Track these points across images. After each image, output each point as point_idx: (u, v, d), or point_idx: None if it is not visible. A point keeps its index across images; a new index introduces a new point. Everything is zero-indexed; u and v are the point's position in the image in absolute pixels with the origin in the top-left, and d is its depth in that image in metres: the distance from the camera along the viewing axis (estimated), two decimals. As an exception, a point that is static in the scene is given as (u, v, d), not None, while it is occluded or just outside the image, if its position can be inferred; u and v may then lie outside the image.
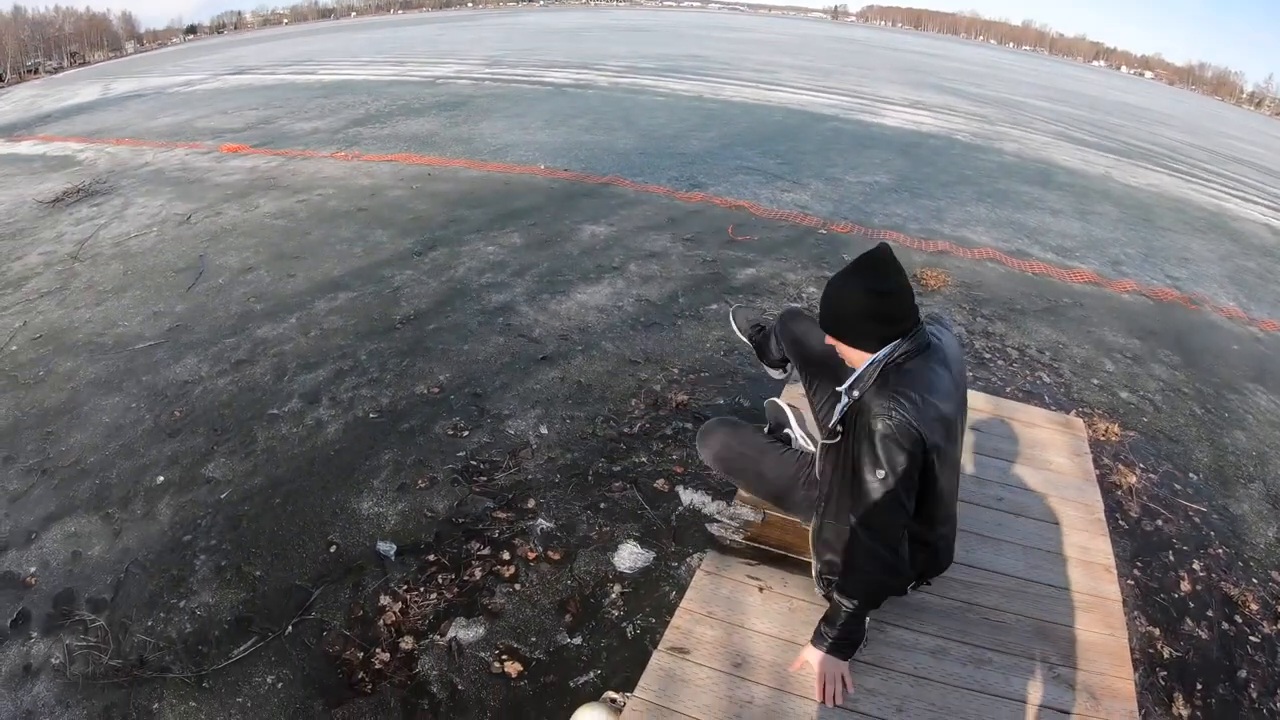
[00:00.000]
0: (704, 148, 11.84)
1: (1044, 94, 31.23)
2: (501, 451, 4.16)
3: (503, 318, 5.65)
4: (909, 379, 2.46)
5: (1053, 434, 4.43)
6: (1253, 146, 29.91)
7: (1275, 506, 4.65)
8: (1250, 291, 8.75)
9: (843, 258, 7.39)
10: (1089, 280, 7.97)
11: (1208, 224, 11.82)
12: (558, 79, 18.46)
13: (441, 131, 11.92)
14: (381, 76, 18.27)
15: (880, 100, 19.40)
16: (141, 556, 3.44)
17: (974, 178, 12.02)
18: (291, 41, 38.87)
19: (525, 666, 2.96)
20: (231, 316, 5.57)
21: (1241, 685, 3.32)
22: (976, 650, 2.88)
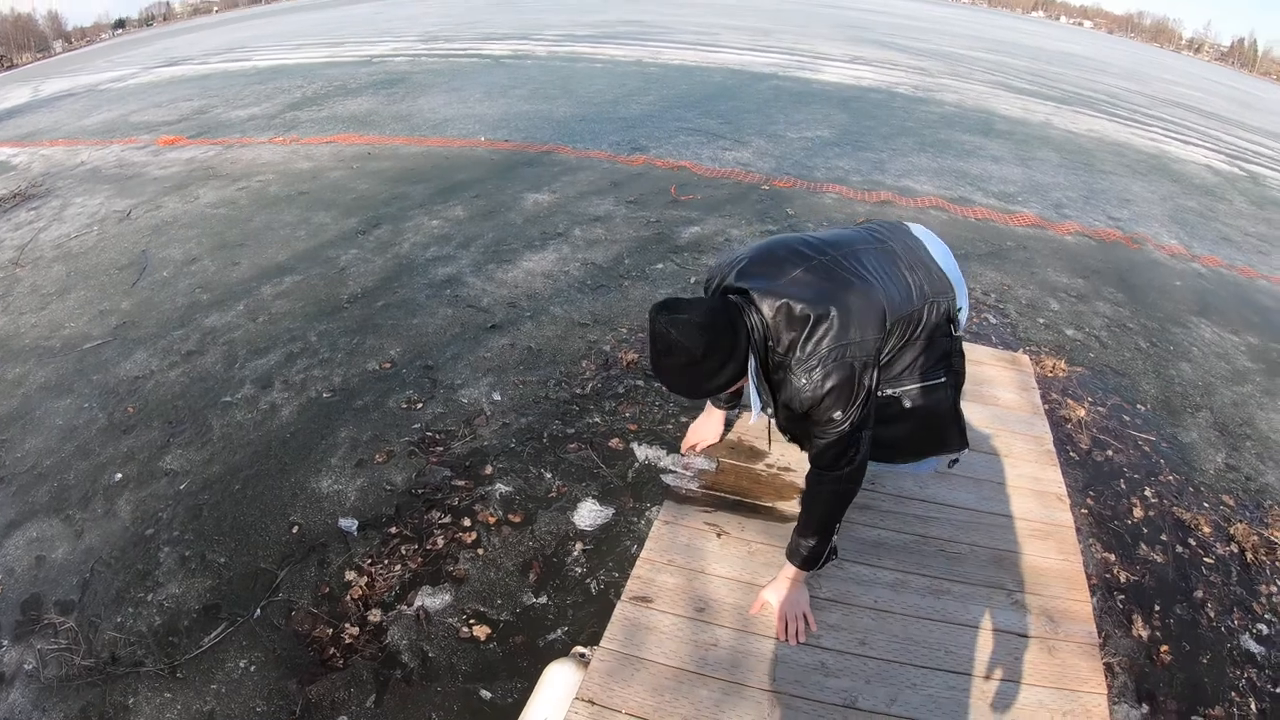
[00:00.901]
0: (644, 111, 11.82)
1: (984, 45, 31.30)
2: (456, 421, 4.19)
3: (450, 289, 5.65)
4: (812, 354, 2.48)
5: (1000, 371, 4.56)
6: (1192, 91, 30.18)
7: (1223, 434, 4.79)
8: (1192, 230, 8.91)
9: (786, 211, 7.51)
10: (1032, 224, 8.08)
11: (1148, 166, 11.97)
12: (495, 51, 18.28)
13: (380, 110, 11.79)
14: (317, 59, 18.01)
15: (820, 57, 19.39)
16: (105, 555, 3.43)
17: (915, 129, 12.08)
18: (224, 29, 38.05)
19: (493, 629, 3.01)
20: (178, 309, 5.52)
21: (1198, 605, 3.44)
22: (935, 581, 3.00)
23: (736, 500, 3.33)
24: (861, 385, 2.49)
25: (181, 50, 24.69)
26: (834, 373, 2.45)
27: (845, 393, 2.47)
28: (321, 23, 31.94)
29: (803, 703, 2.51)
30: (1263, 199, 11.46)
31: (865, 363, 2.48)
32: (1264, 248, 8.88)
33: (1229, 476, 4.40)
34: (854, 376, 2.47)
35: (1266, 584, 3.62)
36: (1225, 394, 5.26)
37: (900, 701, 2.53)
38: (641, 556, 3.02)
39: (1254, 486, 4.35)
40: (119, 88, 16.95)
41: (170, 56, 22.61)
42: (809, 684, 2.56)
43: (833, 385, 2.46)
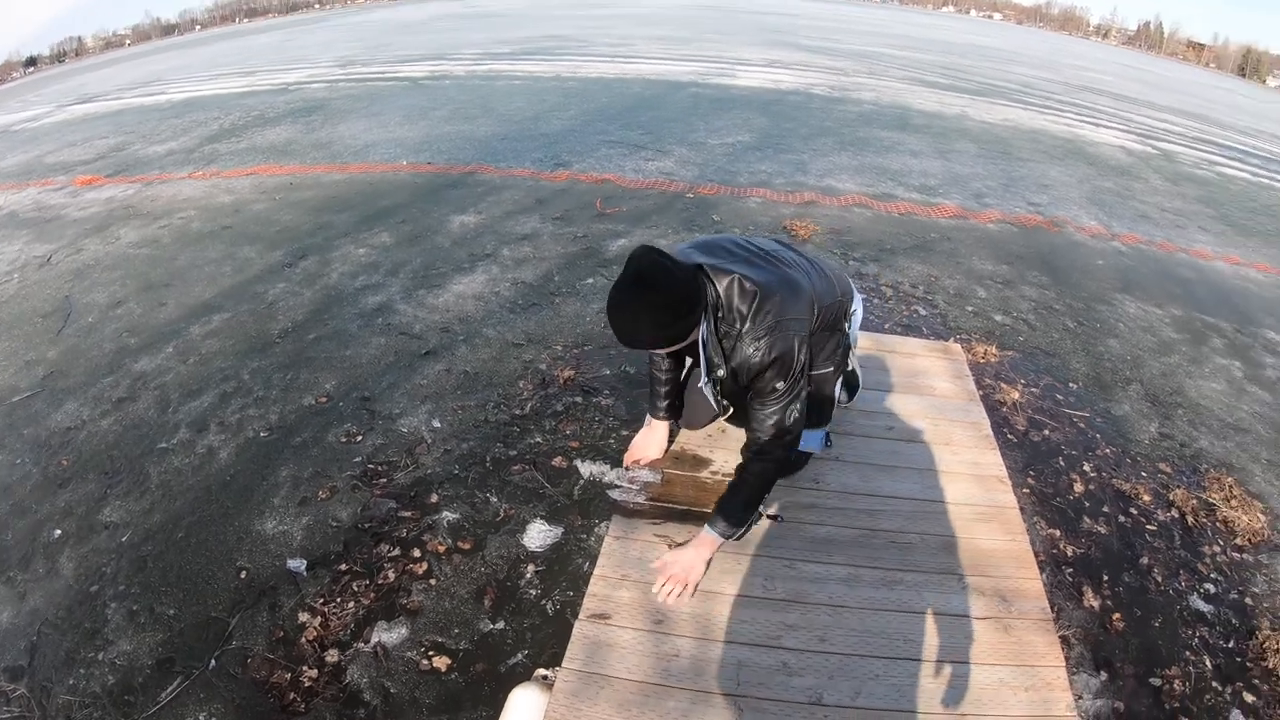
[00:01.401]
0: (566, 126, 11.85)
1: (897, 43, 31.77)
2: (398, 451, 4.18)
3: (382, 318, 5.63)
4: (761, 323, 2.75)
5: (933, 361, 4.66)
6: (1102, 75, 30.94)
7: (1154, 404, 4.98)
8: (1110, 210, 9.19)
9: (712, 218, 7.62)
10: (954, 215, 8.27)
11: (1064, 151, 12.31)
12: (413, 73, 18.18)
13: (299, 139, 11.68)
14: (232, 89, 17.78)
15: (738, 63, 19.56)
16: (52, 615, 3.34)
17: (835, 129, 12.29)
18: (136, 63, 37.39)
19: (453, 659, 3.00)
20: (106, 355, 5.41)
21: (1145, 571, 3.59)
22: (887, 573, 3.06)
23: (685, 510, 3.36)
24: (799, 359, 2.76)
25: (95, 86, 24.23)
26: (778, 343, 2.71)
27: (787, 363, 2.74)
28: (233, 52, 31.49)
29: (770, 704, 2.54)
30: (1177, 175, 11.83)
31: (802, 339, 2.77)
32: (1181, 222, 9.19)
33: (1164, 445, 4.57)
34: (794, 349, 2.74)
35: (1209, 544, 3.79)
36: (1154, 365, 5.45)
37: (865, 694, 2.58)
38: (595, 573, 3.03)
39: (1189, 452, 4.53)
40: (33, 127, 16.60)
41: (84, 93, 22.19)
42: (774, 685, 2.59)
43: (777, 355, 2.72)
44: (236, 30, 47.00)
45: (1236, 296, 7.02)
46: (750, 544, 3.18)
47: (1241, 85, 56.84)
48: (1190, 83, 41.46)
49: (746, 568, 3.05)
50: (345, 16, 59.87)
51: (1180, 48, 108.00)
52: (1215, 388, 5.31)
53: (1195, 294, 6.89)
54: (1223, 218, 9.83)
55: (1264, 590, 3.59)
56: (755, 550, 3.14)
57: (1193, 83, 42.15)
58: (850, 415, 4.02)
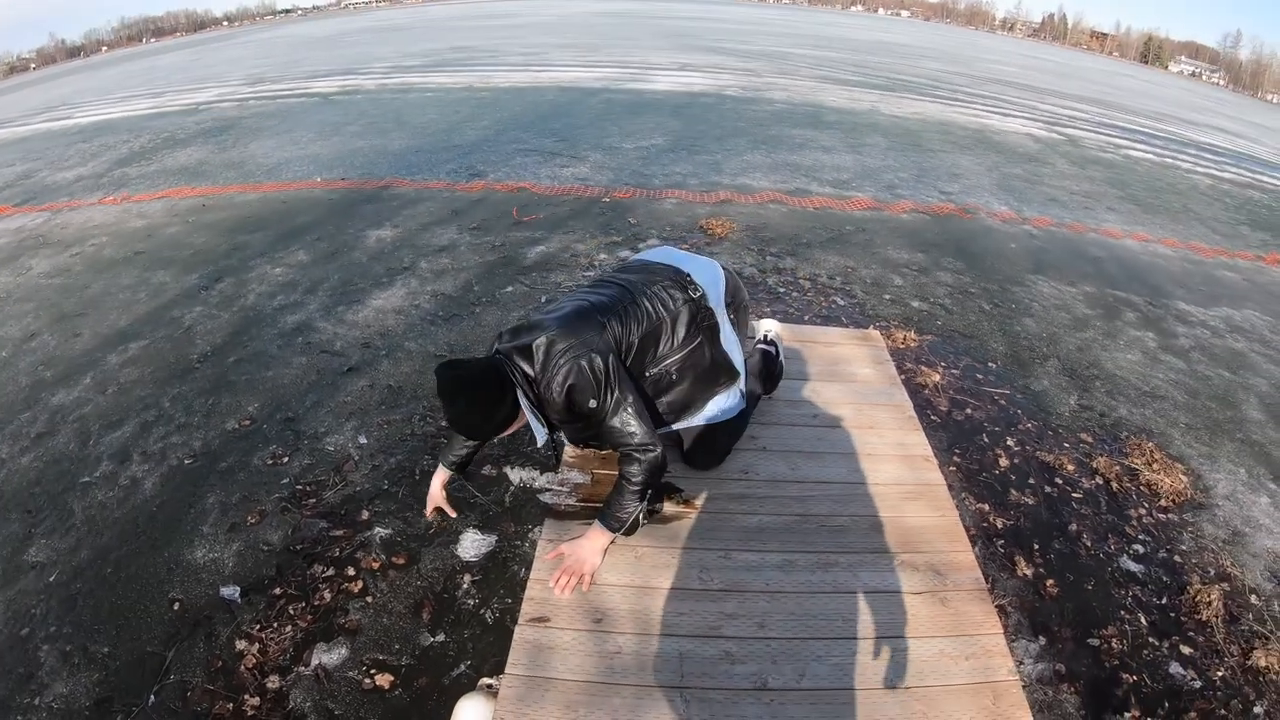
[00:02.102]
0: (479, 137, 11.88)
1: (807, 43, 32.21)
2: (325, 470, 4.17)
3: (302, 337, 5.61)
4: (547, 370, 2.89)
5: (854, 349, 4.73)
6: (1008, 67, 31.71)
7: (1072, 378, 5.17)
8: (1020, 195, 9.48)
9: (628, 221, 7.73)
10: (868, 207, 8.46)
11: (973, 141, 12.63)
12: (323, 88, 18.02)
13: (211, 159, 11.53)
14: (141, 110, 17.46)
15: (649, 67, 19.69)
16: None
17: (747, 128, 12.46)
18: (42, 86, 36.49)
19: (396, 675, 3.01)
20: (22, 389, 5.31)
21: (1075, 537, 3.75)
22: (821, 556, 3.11)
23: (616, 509, 3.40)
24: (598, 372, 2.87)
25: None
26: (569, 375, 2.84)
27: (585, 384, 2.86)
28: (141, 73, 30.91)
29: (715, 693, 2.58)
30: (1083, 159, 12.20)
31: (592, 355, 2.86)
32: (1089, 204, 9.51)
33: (1084, 416, 4.75)
34: (586, 370, 2.85)
35: (1134, 508, 3.97)
36: (1069, 341, 5.66)
37: (809, 675, 2.63)
38: (531, 578, 3.03)
39: (1108, 421, 4.72)
40: (-67, 157, 16.19)
41: (-13, 120, 21.64)
42: (718, 674, 2.63)
43: (571, 383, 2.84)
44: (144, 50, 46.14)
45: (1146, 271, 7.29)
46: (683, 537, 3.22)
47: (1144, 71, 58.46)
48: (1094, 71, 42.61)
49: (681, 561, 3.09)
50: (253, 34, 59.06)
51: (1084, 37, 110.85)
52: (1130, 358, 5.53)
53: (1107, 271, 7.14)
54: (1130, 197, 10.20)
55: (1191, 547, 3.76)
56: (689, 543, 3.17)
57: (1097, 71, 43.32)
58: (774, 405, 4.09)
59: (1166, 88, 39.74)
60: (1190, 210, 10.16)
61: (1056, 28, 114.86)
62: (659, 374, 3.27)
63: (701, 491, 3.46)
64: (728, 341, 3.44)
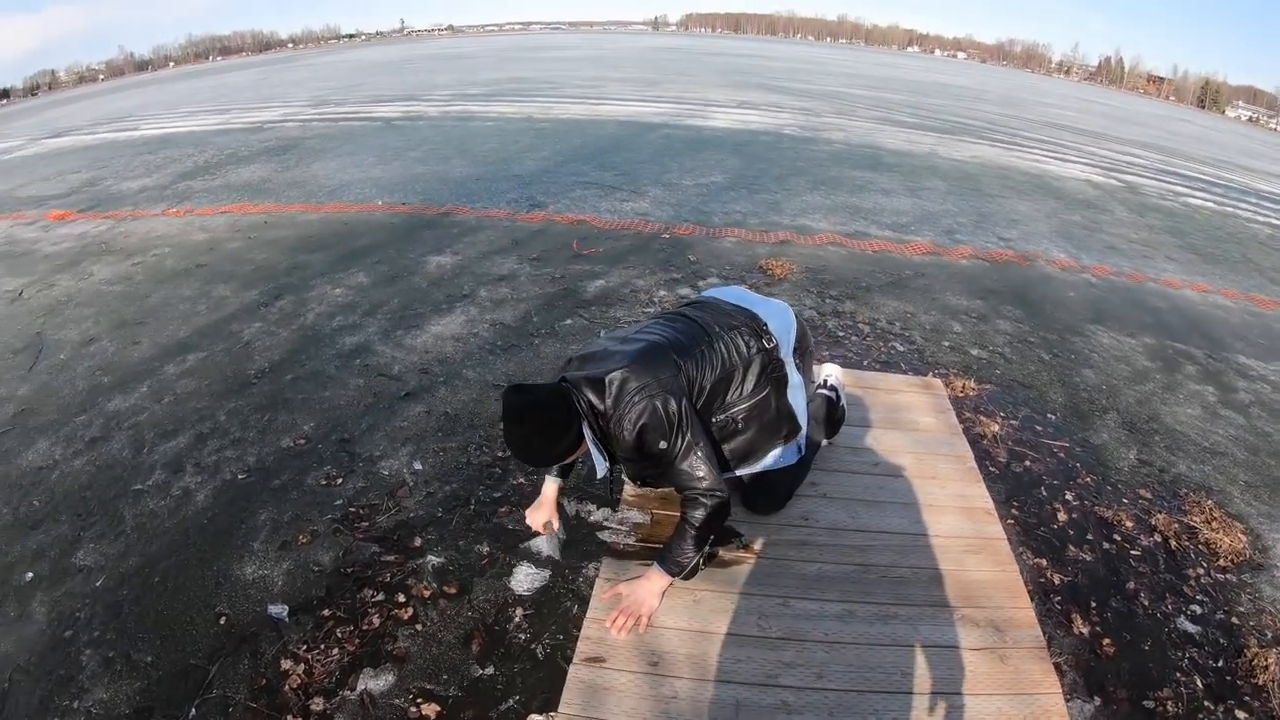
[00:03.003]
0: (539, 167, 11.93)
1: (865, 83, 32.31)
2: (379, 494, 4.12)
3: (360, 359, 5.59)
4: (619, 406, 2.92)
5: (915, 396, 4.72)
6: (1066, 111, 31.60)
7: (1132, 432, 5.03)
8: (1079, 243, 9.34)
9: (688, 258, 7.66)
10: (927, 251, 8.36)
11: (1031, 186, 12.51)
12: (386, 113, 18.26)
13: (274, 177, 11.68)
14: (206, 126, 17.77)
15: (708, 104, 19.79)
16: (24, 661, 3.23)
17: (806, 168, 12.43)
18: (110, 98, 37.34)
19: (443, 706, 2.92)
20: (79, 393, 5.34)
21: (1132, 596, 3.60)
22: (881, 608, 3.07)
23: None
24: (670, 415, 2.89)
25: (68, 120, 24.17)
26: (641, 415, 2.86)
27: (657, 425, 2.88)
28: (208, 89, 31.53)
29: None
30: (1142, 207, 12.05)
31: (666, 397, 2.89)
32: (1148, 253, 9.34)
33: (1143, 471, 4.60)
34: (659, 410, 2.87)
35: (1193, 567, 3.81)
36: (1129, 394, 5.51)
37: None
38: (588, 616, 3.01)
39: (1168, 477, 4.57)
40: (4, 160, 16.53)
41: (56, 127, 22.11)
42: (775, 724, 2.57)
43: (644, 424, 2.87)
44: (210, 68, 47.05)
45: (1206, 323, 7.12)
46: (742, 582, 3.19)
47: (1201, 116, 58.01)
48: (1151, 115, 42.35)
49: (740, 606, 3.05)
50: (317, 57, 60.15)
51: (1141, 81, 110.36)
52: (1190, 413, 5.37)
53: (1166, 322, 6.99)
54: (1189, 247, 10.01)
55: (1249, 609, 3.61)
56: (748, 589, 3.14)
57: (1154, 115, 43.05)
58: (836, 452, 4.05)
59: (1224, 133, 39.37)
60: (1250, 260, 9.93)
61: (1113, 71, 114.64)
62: (725, 420, 3.28)
63: (761, 537, 3.44)
64: (794, 392, 3.44)
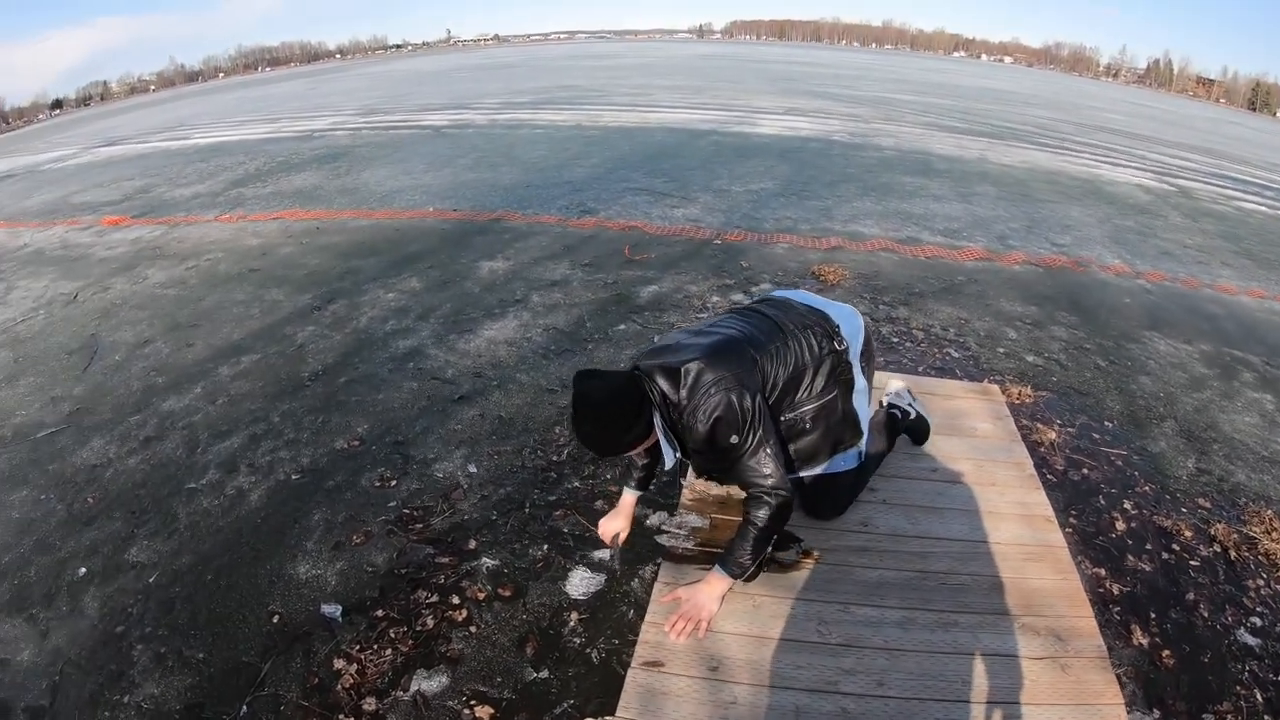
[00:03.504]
0: (589, 174, 11.94)
1: (912, 89, 32.17)
2: (433, 496, 4.09)
3: (413, 362, 5.58)
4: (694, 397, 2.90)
5: (973, 403, 4.67)
6: (1115, 114, 31.25)
7: (1190, 440, 4.90)
8: (1133, 248, 9.17)
9: (740, 264, 7.59)
10: (980, 257, 8.24)
11: (1083, 191, 12.34)
12: (435, 121, 18.40)
13: (325, 184, 11.79)
14: (256, 135, 18.01)
15: (756, 111, 19.75)
16: (74, 655, 3.23)
17: (857, 174, 12.34)
18: (161, 108, 38.04)
19: (496, 708, 2.87)
20: (133, 393, 5.39)
21: (1191, 607, 3.48)
22: (942, 615, 3.03)
23: (733, 554, 3.31)
24: (745, 410, 2.86)
25: (120, 130, 24.61)
26: (716, 408, 2.84)
27: (732, 419, 2.85)
28: (257, 99, 31.98)
29: None
30: (1196, 211, 11.83)
31: (741, 391, 2.87)
32: (1203, 258, 9.15)
33: (1202, 480, 4.47)
34: (734, 404, 2.85)
35: (1253, 578, 3.68)
36: (1186, 401, 5.38)
37: None
38: (646, 620, 2.99)
39: (1227, 487, 4.43)
40: (59, 168, 16.84)
41: (109, 136, 22.53)
42: (834, 731, 2.52)
43: (718, 417, 2.85)
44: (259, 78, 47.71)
45: (1264, 330, 6.95)
46: (802, 588, 3.15)
47: (1252, 119, 57.17)
48: (1201, 118, 41.86)
49: (800, 612, 3.02)
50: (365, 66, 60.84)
51: (1190, 84, 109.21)
52: (1249, 421, 5.23)
53: (1223, 329, 6.83)
54: (1244, 252, 9.79)
55: (1310, 621, 3.51)
56: (808, 595, 3.10)
57: (1204, 118, 42.55)
58: (894, 457, 4.00)
59: (1276, 135, 38.70)
60: (1306, 265, 9.73)
61: (1161, 74, 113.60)
62: (794, 419, 3.25)
63: (821, 542, 3.40)
64: (858, 397, 3.40)
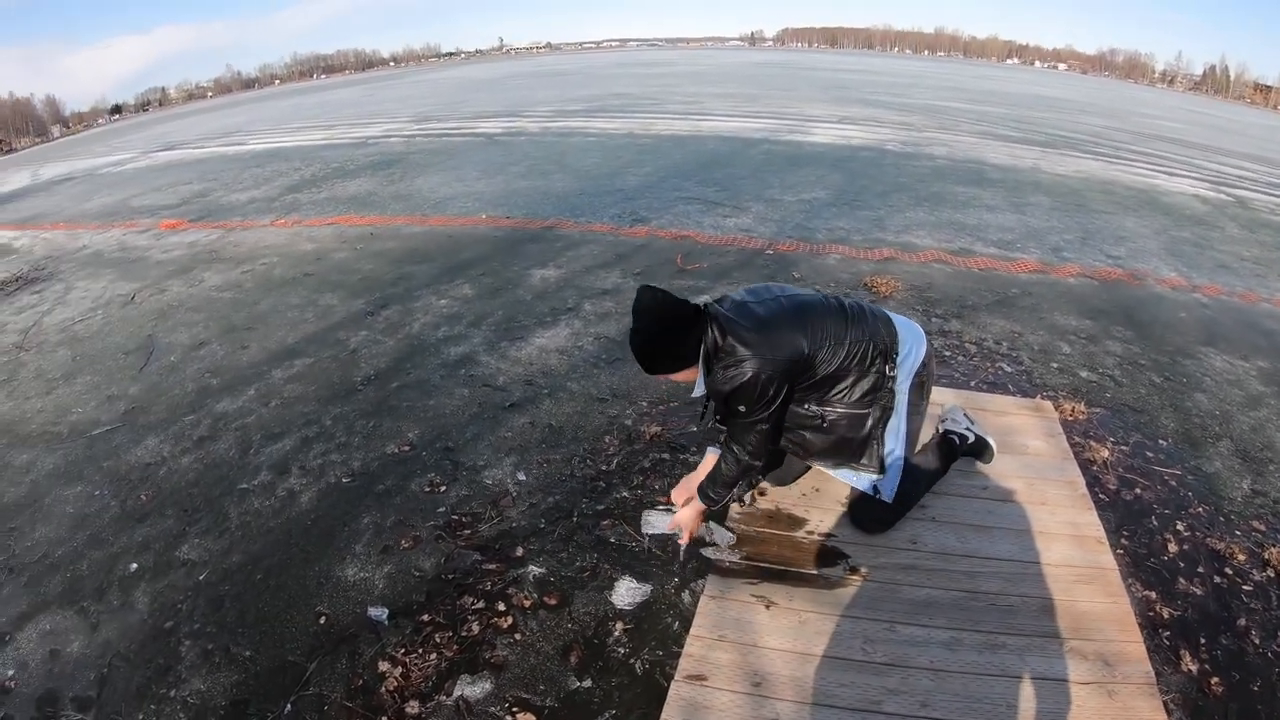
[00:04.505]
0: (641, 183, 11.95)
1: (965, 96, 31.88)
2: (482, 502, 4.10)
3: (465, 369, 5.60)
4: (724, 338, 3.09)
5: (1025, 419, 4.59)
6: (1171, 123, 30.76)
7: (1245, 460, 4.76)
8: (1189, 261, 8.97)
9: (793, 275, 7.51)
10: (1034, 269, 8.12)
11: (1138, 201, 12.12)
12: (488, 129, 18.53)
13: (379, 190, 11.90)
14: (312, 141, 18.25)
15: (808, 119, 19.67)
16: (123, 648, 3.28)
17: (909, 184, 12.22)
18: (218, 114, 38.67)
19: (539, 716, 2.87)
20: (188, 394, 5.46)
21: (1242, 633, 3.38)
22: (989, 636, 2.98)
23: (781, 570, 3.31)
24: (764, 390, 3.02)
25: (178, 135, 25.02)
26: (740, 376, 3.01)
27: (749, 393, 3.03)
28: (313, 106, 32.38)
29: None
30: (1253, 223, 11.57)
31: (771, 376, 3.02)
32: (1261, 271, 8.93)
33: (1257, 502, 4.35)
34: (758, 383, 3.00)
35: None
36: (1243, 420, 5.24)
37: None
38: (692, 634, 2.97)
39: None
40: (118, 172, 17.15)
41: (167, 141, 22.91)
42: (877, 751, 2.49)
43: (739, 385, 3.02)
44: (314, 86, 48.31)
45: (1324, 346, 6.78)
46: (848, 605, 3.13)
47: (1311, 127, 56.08)
48: (1260, 126, 41.02)
49: (845, 629, 2.99)
50: (419, 74, 61.39)
51: (1247, 90, 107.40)
52: (1307, 441, 5.10)
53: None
54: (1303, 265, 9.58)
55: (1362, 651, 3.41)
56: (853, 612, 3.08)
57: (1261, 126, 41.70)
58: (944, 475, 3.93)
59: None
60: (1367, 280, 9.49)
61: (1218, 81, 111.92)
62: (816, 413, 3.35)
63: (869, 560, 3.37)
64: (891, 430, 3.42)
